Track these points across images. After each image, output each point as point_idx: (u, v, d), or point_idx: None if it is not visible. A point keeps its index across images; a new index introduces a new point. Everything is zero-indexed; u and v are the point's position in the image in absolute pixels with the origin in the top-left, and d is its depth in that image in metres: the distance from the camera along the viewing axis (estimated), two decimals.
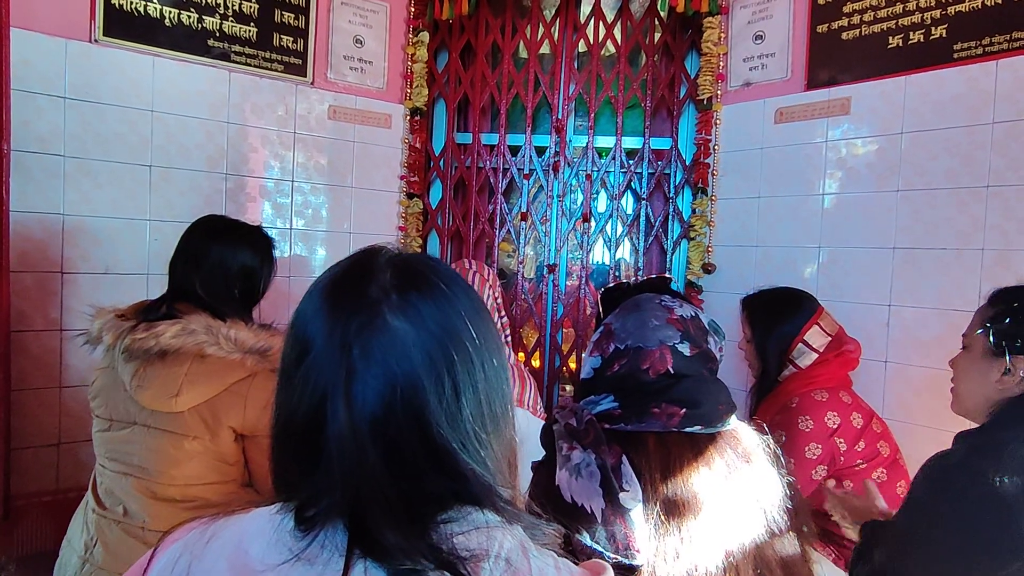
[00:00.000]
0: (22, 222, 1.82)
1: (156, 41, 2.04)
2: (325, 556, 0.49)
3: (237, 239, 1.44)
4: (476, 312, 0.57)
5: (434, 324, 0.53)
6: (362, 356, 0.51)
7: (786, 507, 0.82)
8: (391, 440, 0.50)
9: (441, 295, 0.55)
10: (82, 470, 1.92)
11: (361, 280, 0.55)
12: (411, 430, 0.51)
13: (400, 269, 0.56)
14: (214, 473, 1.31)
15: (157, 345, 1.25)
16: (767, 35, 2.26)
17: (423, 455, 0.51)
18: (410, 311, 0.53)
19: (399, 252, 0.59)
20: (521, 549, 0.52)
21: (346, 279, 0.56)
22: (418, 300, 0.54)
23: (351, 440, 0.50)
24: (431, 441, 0.51)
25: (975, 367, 1.17)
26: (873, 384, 1.93)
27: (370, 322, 0.52)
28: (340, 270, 0.57)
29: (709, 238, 2.40)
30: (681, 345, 0.87)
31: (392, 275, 0.55)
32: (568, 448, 0.82)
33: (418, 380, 0.51)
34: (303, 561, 0.49)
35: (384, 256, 0.57)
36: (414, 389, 0.51)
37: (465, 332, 0.55)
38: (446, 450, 0.52)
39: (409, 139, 2.61)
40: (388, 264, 0.56)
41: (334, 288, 0.56)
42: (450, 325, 0.54)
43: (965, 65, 1.80)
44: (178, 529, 0.59)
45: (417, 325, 0.53)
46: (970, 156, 1.79)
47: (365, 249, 0.59)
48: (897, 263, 1.93)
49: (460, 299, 0.56)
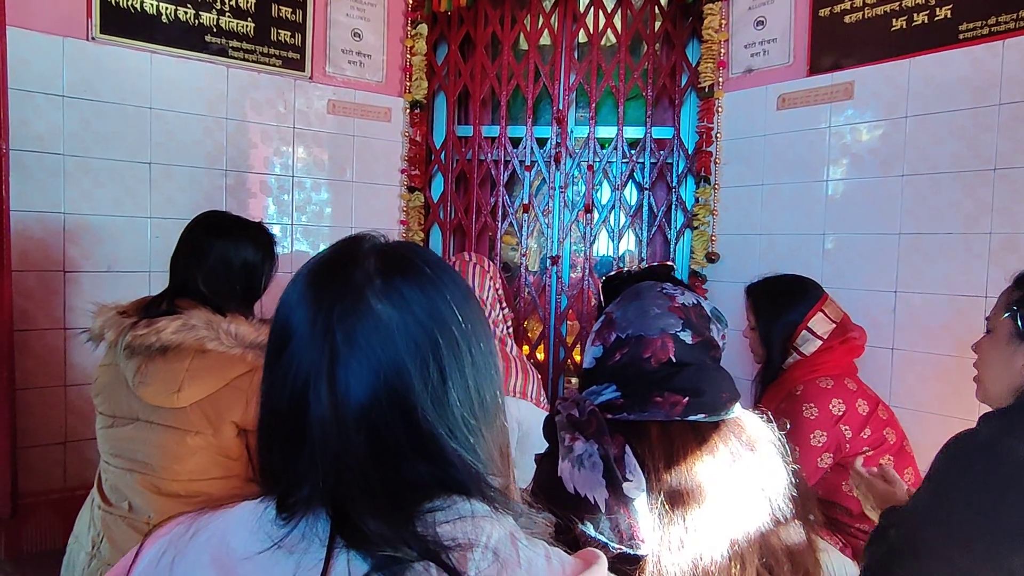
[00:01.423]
0: (23, 221, 1.83)
1: (153, 38, 2.03)
2: (304, 544, 0.48)
3: (239, 235, 1.43)
4: (463, 297, 0.56)
5: (419, 309, 0.52)
6: (346, 341, 0.50)
7: (791, 495, 0.81)
8: (375, 426, 0.50)
9: (426, 280, 0.54)
10: (88, 467, 1.93)
11: (345, 266, 0.54)
12: (396, 416, 0.50)
13: (385, 255, 0.55)
14: (217, 468, 1.31)
15: (158, 341, 1.25)
16: (768, 21, 2.24)
17: (408, 441, 0.51)
18: (394, 296, 0.52)
19: (384, 239, 0.58)
20: (510, 539, 0.51)
21: (330, 266, 0.55)
22: (402, 285, 0.53)
23: (334, 426, 0.49)
24: (416, 427, 0.51)
25: (999, 352, 1.13)
26: (880, 371, 1.91)
27: (354, 307, 0.51)
28: (324, 257, 0.57)
29: (713, 227, 2.38)
30: (683, 333, 0.86)
31: (376, 261, 0.54)
32: (570, 439, 0.81)
33: (403, 365, 0.50)
34: (283, 549, 0.49)
35: (368, 243, 0.57)
36: (399, 374, 0.50)
37: (451, 317, 0.54)
38: (432, 435, 0.51)
39: (409, 132, 2.60)
40: (372, 250, 0.55)
41: (318, 275, 0.55)
42: (435, 310, 0.53)
43: (970, 46, 1.77)
44: (165, 524, 0.58)
45: (402, 310, 0.52)
46: (976, 139, 1.76)
47: (349, 237, 0.58)
48: (903, 249, 1.91)
49: (446, 284, 0.55)
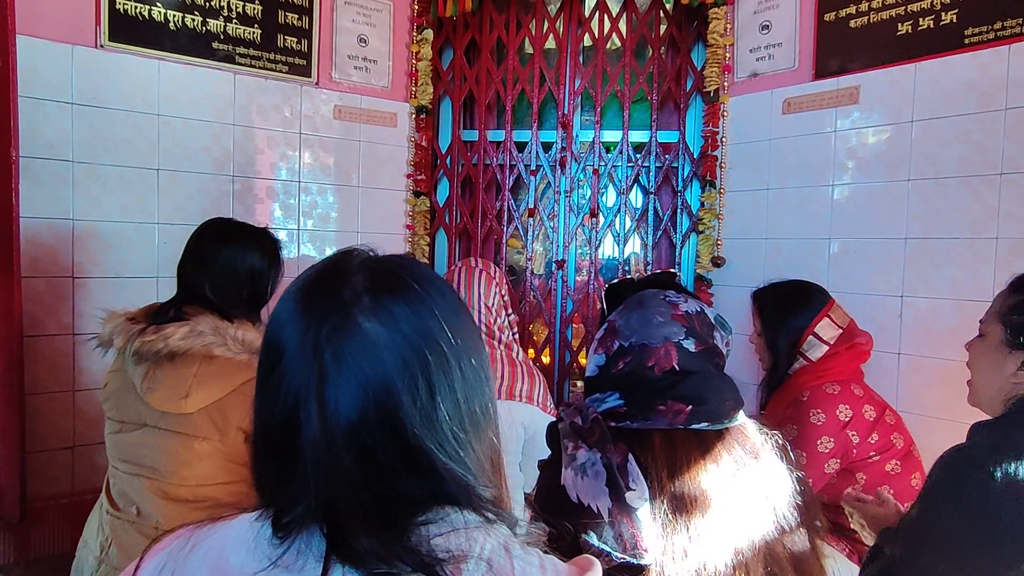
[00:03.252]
0: (32, 228, 1.84)
1: (161, 45, 2.05)
2: (301, 562, 0.49)
3: (245, 242, 1.45)
4: (453, 313, 0.56)
5: (407, 326, 0.53)
6: (334, 360, 0.50)
7: (796, 502, 0.81)
8: (365, 444, 0.50)
9: (415, 296, 0.55)
10: (97, 472, 1.94)
11: (334, 283, 0.54)
12: (385, 433, 0.51)
13: (373, 271, 0.55)
14: (224, 473, 1.32)
15: (166, 347, 1.26)
16: (774, 25, 2.23)
17: (398, 458, 0.51)
18: (382, 313, 0.53)
19: (374, 254, 0.58)
20: (504, 549, 0.51)
21: (319, 282, 0.56)
22: (390, 302, 0.53)
23: (324, 445, 0.49)
24: (406, 444, 0.51)
25: (990, 358, 1.13)
26: (886, 376, 1.91)
27: (342, 325, 0.51)
28: (313, 273, 0.57)
29: (718, 231, 2.38)
30: (686, 341, 0.86)
31: (364, 277, 0.54)
32: (573, 447, 0.82)
33: (391, 383, 0.51)
34: (280, 568, 0.49)
35: (358, 258, 0.57)
36: (387, 392, 0.51)
37: (440, 333, 0.54)
38: (422, 451, 0.51)
39: (415, 137, 2.61)
40: (361, 266, 0.56)
41: (307, 292, 0.55)
42: (424, 327, 0.54)
43: (977, 50, 1.77)
44: (164, 538, 0.59)
45: (390, 327, 0.52)
46: (982, 143, 1.76)
47: (340, 251, 0.59)
48: (909, 254, 1.90)
49: (435, 300, 0.55)
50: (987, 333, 1.16)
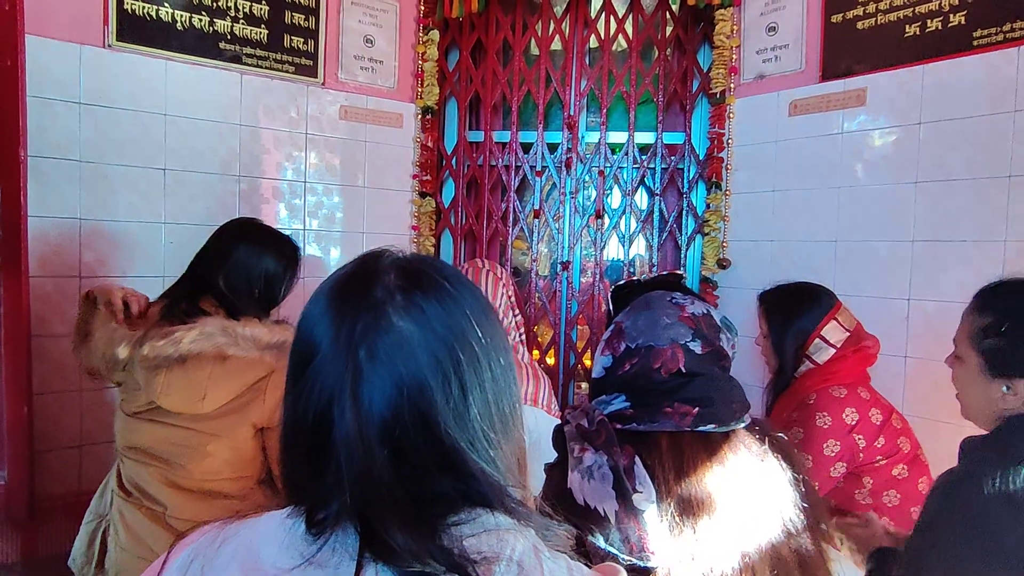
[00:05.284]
0: (40, 227, 1.85)
1: (168, 45, 2.06)
2: (336, 560, 0.49)
3: (264, 243, 1.48)
4: (482, 312, 0.57)
5: (439, 324, 0.53)
6: (368, 358, 0.51)
7: (802, 506, 0.81)
8: (398, 441, 0.50)
9: (446, 295, 0.55)
10: (105, 471, 1.92)
11: (366, 282, 0.54)
12: (418, 431, 0.51)
13: (404, 270, 0.56)
14: (231, 469, 1.34)
15: (177, 351, 1.27)
16: (780, 26, 2.23)
17: (431, 456, 0.51)
18: (415, 311, 0.53)
19: (403, 254, 0.59)
20: (534, 552, 0.51)
21: (351, 281, 0.56)
22: (423, 300, 0.54)
23: (358, 442, 0.49)
24: (439, 441, 0.51)
25: (974, 382, 1.11)
26: (893, 380, 1.90)
27: (375, 323, 0.52)
28: (345, 273, 0.57)
29: (724, 233, 2.37)
30: (693, 343, 0.86)
31: (396, 276, 0.55)
32: (580, 450, 0.81)
33: (424, 381, 0.51)
34: (314, 565, 0.49)
35: (388, 258, 0.57)
36: (420, 390, 0.51)
37: (471, 332, 0.54)
38: (455, 450, 0.52)
39: (421, 138, 2.61)
40: (392, 266, 0.56)
41: (339, 290, 0.56)
42: (455, 325, 0.54)
43: (985, 52, 1.76)
44: (190, 533, 0.59)
45: (422, 325, 0.53)
46: (991, 146, 1.75)
47: (370, 252, 0.59)
48: (916, 256, 1.89)
49: (466, 299, 0.56)
50: (964, 357, 1.14)
